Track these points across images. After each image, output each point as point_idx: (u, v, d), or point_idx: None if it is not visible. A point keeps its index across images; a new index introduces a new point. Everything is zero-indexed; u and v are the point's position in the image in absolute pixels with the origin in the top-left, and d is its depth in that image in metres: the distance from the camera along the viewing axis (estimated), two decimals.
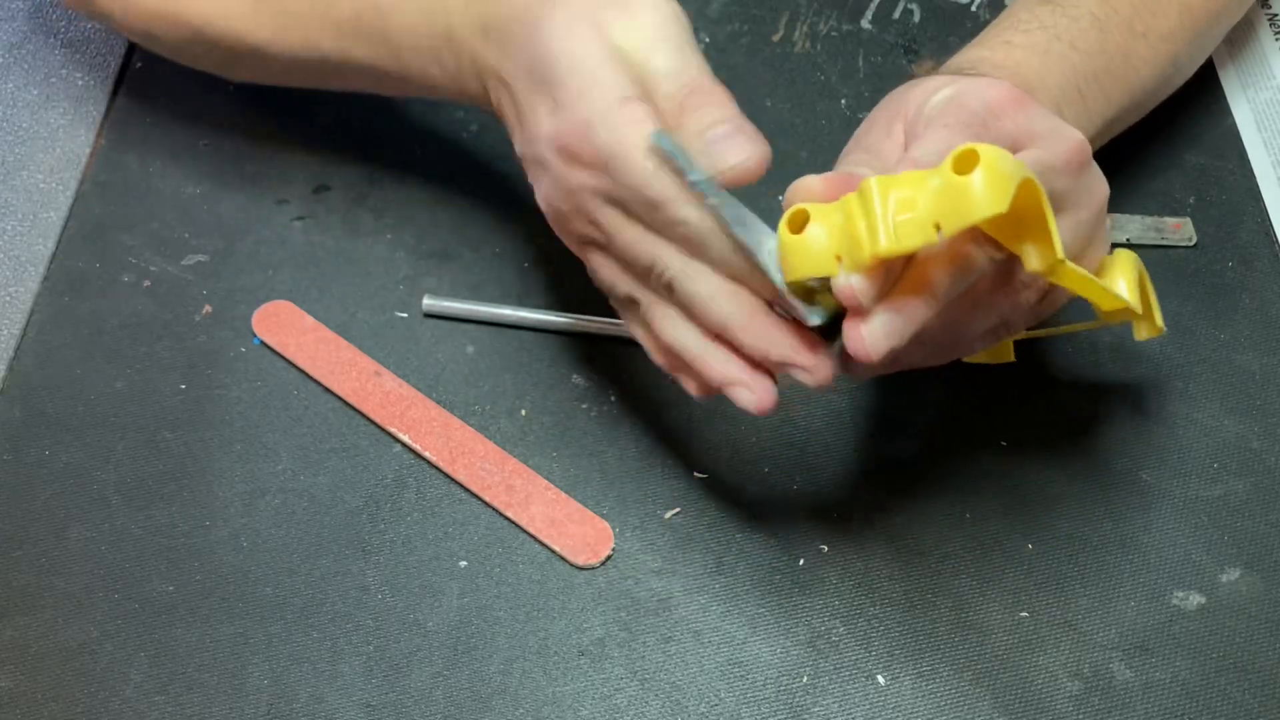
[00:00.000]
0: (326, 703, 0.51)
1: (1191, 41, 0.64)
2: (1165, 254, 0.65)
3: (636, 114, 0.44)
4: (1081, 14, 0.57)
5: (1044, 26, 0.56)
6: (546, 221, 0.50)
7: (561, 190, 0.47)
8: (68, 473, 0.56)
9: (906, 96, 0.49)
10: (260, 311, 0.61)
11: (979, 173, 0.40)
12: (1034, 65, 0.54)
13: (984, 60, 0.54)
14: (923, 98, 0.48)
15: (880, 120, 0.50)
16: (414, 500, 0.56)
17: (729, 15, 0.74)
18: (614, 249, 0.47)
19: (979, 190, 0.40)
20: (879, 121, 0.50)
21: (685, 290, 0.45)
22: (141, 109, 0.69)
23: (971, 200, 0.40)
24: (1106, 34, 0.58)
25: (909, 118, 0.48)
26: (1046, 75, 0.54)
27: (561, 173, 0.46)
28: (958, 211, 0.41)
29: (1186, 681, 0.52)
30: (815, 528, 0.56)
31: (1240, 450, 0.58)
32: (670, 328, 0.47)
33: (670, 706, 0.51)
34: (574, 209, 0.47)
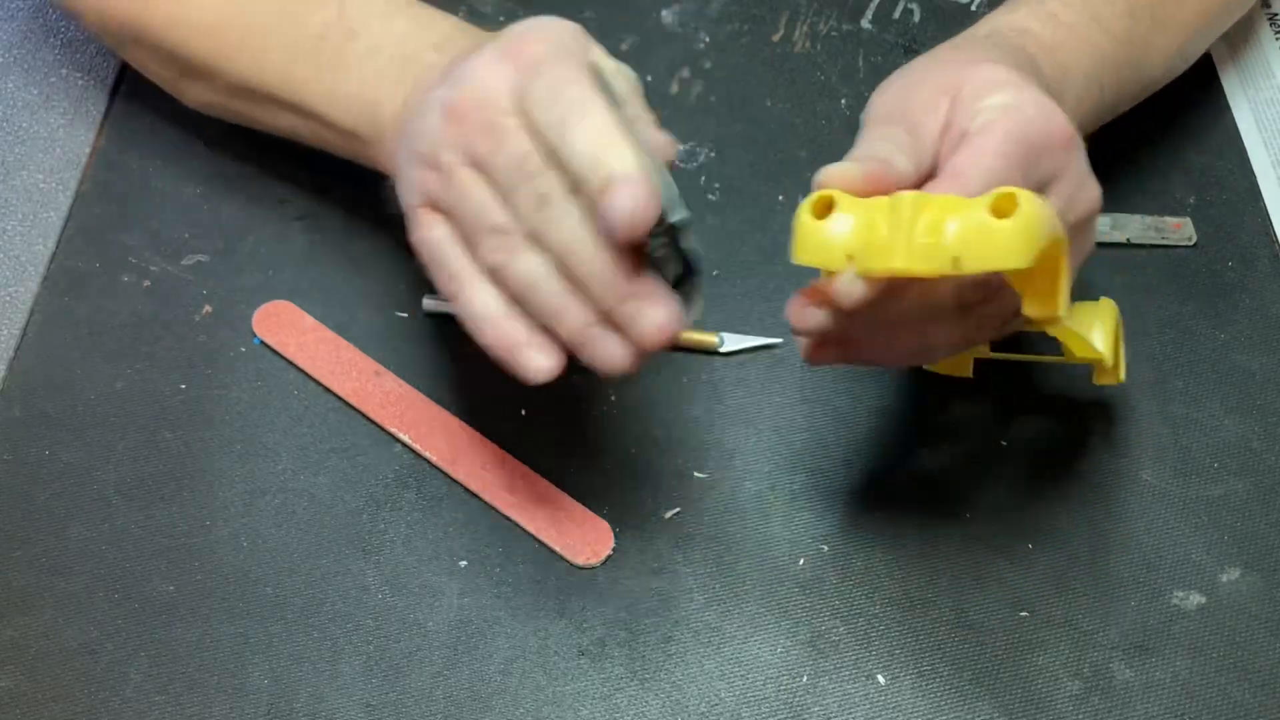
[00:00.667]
0: (326, 703, 0.51)
1: (1201, 32, 0.64)
2: (1165, 254, 0.65)
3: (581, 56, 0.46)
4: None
5: (1085, 2, 0.56)
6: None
7: (481, 87, 0.46)
8: (68, 473, 0.56)
9: (961, 75, 0.48)
10: (260, 311, 0.61)
11: (1015, 221, 0.40)
12: (1070, 49, 0.54)
13: (1029, 34, 0.53)
14: (979, 89, 0.47)
15: (927, 88, 0.48)
16: (414, 500, 0.56)
17: (729, 15, 0.74)
18: (498, 162, 0.45)
19: (1010, 239, 0.40)
20: (926, 88, 0.48)
21: (557, 210, 0.44)
22: (141, 109, 0.69)
23: (1000, 247, 0.40)
24: (1136, 21, 0.58)
25: (958, 101, 0.47)
26: (1079, 63, 0.54)
27: (490, 69, 0.46)
28: (983, 253, 0.41)
29: (1186, 681, 0.52)
30: (815, 528, 0.56)
31: (1240, 450, 0.58)
32: (527, 267, 0.46)
33: (670, 706, 0.51)
34: (483, 106, 0.46)
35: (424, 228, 0.48)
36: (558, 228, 0.44)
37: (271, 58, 0.57)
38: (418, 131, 0.48)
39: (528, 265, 0.45)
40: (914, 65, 0.51)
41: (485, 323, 0.47)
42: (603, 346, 0.45)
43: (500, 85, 0.45)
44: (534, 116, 0.45)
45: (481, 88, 0.46)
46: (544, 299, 0.46)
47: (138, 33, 0.60)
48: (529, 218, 0.45)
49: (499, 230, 0.46)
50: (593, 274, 0.44)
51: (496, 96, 0.45)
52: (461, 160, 0.46)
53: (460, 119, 0.46)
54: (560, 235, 0.44)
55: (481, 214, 0.46)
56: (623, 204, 0.42)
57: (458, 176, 0.46)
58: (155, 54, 0.61)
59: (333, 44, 0.55)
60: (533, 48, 0.46)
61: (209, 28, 0.58)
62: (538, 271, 0.45)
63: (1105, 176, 0.68)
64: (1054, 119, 0.46)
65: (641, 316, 0.44)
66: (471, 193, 0.46)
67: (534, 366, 0.47)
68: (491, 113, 0.45)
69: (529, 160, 0.45)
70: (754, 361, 0.60)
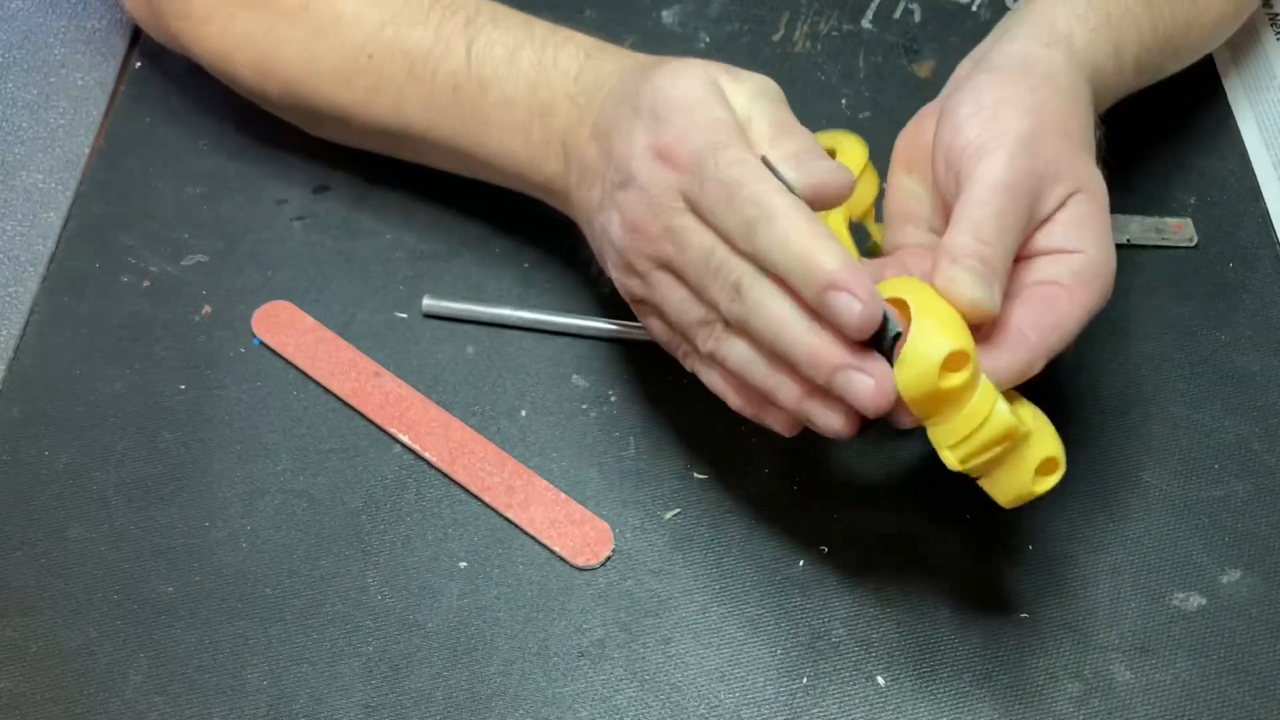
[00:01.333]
0: (326, 703, 0.51)
1: (1200, 53, 0.64)
2: (1166, 255, 0.65)
3: (733, 131, 0.46)
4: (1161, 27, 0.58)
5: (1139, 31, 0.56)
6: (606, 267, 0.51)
7: (645, 197, 0.46)
8: (68, 473, 0.56)
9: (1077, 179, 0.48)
10: (260, 311, 0.61)
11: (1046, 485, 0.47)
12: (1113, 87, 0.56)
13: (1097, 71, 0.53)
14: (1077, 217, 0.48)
15: (1051, 173, 0.48)
16: (414, 501, 0.56)
17: (729, 15, 0.74)
18: (685, 261, 0.46)
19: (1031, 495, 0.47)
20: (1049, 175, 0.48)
21: (751, 298, 0.45)
22: (141, 109, 0.69)
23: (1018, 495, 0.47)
24: (1164, 50, 0.59)
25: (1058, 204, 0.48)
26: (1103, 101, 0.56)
27: (650, 176, 0.46)
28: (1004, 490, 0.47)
29: (1187, 683, 0.52)
30: (815, 528, 0.56)
31: (1241, 451, 0.58)
32: (736, 352, 0.47)
33: (670, 707, 0.51)
34: (655, 216, 0.46)
35: (644, 319, 0.51)
36: (755, 314, 0.45)
37: (411, 107, 0.57)
38: (607, 238, 0.49)
39: (735, 351, 0.47)
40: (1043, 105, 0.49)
41: (725, 397, 0.49)
42: (821, 419, 0.46)
43: (665, 189, 0.46)
44: (713, 222, 0.45)
45: (649, 194, 0.46)
46: (758, 380, 0.47)
47: (266, 81, 0.60)
48: (728, 309, 0.46)
49: (703, 323, 0.47)
50: (797, 353, 0.44)
51: (664, 200, 0.46)
52: (653, 265, 0.48)
53: (637, 229, 0.47)
54: (759, 321, 0.45)
55: (683, 312, 0.48)
56: (848, 306, 0.43)
57: (653, 280, 0.48)
58: (286, 100, 0.61)
59: (468, 96, 0.55)
60: (686, 145, 0.46)
61: (342, 76, 0.58)
62: (745, 356, 0.47)
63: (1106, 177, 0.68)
64: (1109, 291, 0.49)
65: (852, 387, 0.44)
66: (670, 294, 0.48)
67: (778, 429, 0.48)
68: (666, 217, 0.46)
69: (713, 255, 0.45)
70: None
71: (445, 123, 0.57)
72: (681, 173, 0.46)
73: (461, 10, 0.57)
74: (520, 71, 0.54)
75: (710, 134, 0.46)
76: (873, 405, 0.44)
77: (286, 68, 0.59)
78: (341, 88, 0.58)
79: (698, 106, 0.47)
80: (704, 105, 0.47)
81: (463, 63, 0.55)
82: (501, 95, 0.55)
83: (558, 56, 0.54)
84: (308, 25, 0.58)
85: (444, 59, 0.56)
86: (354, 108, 0.58)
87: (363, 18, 0.57)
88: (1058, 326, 0.47)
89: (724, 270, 0.45)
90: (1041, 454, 0.46)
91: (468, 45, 0.55)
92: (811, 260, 0.43)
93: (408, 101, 0.57)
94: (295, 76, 0.59)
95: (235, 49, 0.60)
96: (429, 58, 0.56)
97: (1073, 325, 0.47)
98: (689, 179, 0.45)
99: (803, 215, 0.44)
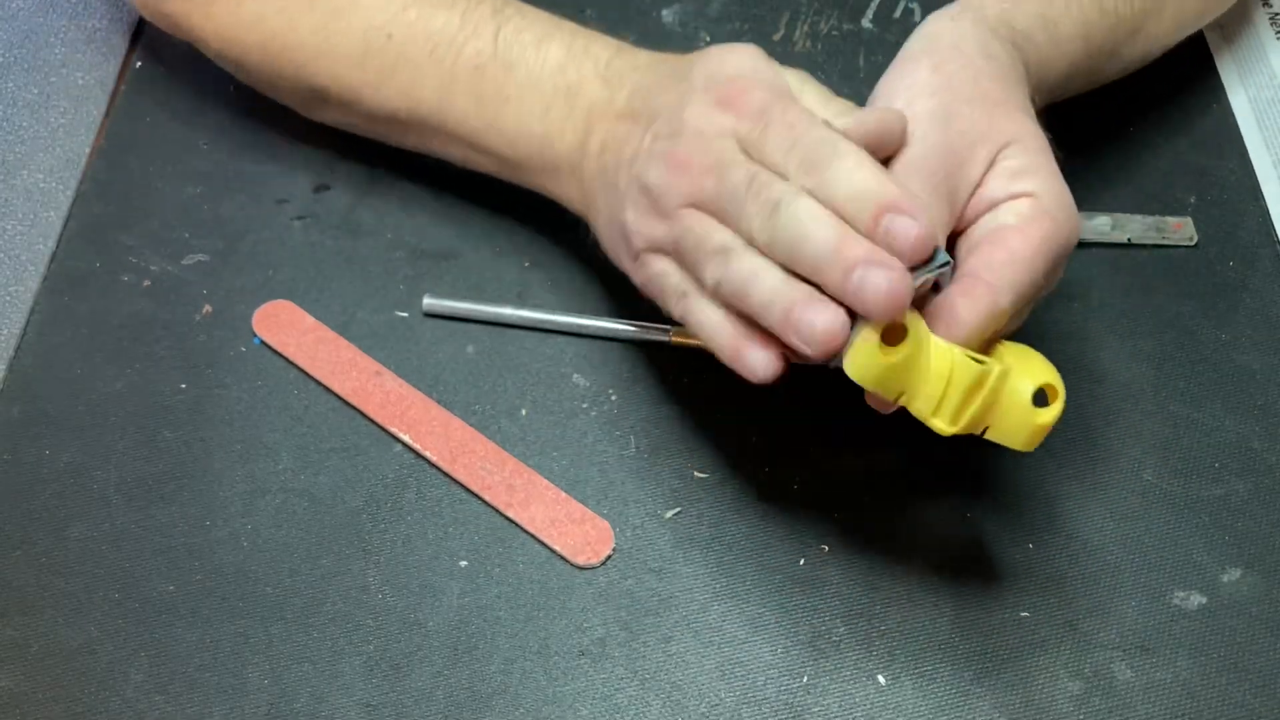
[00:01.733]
0: (326, 703, 0.51)
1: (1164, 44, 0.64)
2: (1166, 254, 0.65)
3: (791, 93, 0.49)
4: (1109, 5, 0.58)
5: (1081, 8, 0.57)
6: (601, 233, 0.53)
7: (698, 136, 0.47)
8: (68, 473, 0.56)
9: (1003, 132, 0.49)
10: (260, 311, 0.61)
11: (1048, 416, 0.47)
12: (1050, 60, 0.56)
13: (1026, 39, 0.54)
14: (1016, 169, 0.49)
15: (971, 128, 0.49)
16: (414, 500, 0.56)
17: (729, 15, 0.74)
18: (723, 189, 0.47)
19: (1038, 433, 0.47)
20: (968, 127, 0.49)
21: (788, 209, 0.45)
22: (141, 109, 0.69)
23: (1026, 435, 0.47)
24: (1116, 31, 0.59)
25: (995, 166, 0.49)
26: (1048, 78, 0.56)
27: (706, 120, 0.48)
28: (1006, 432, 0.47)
29: (1187, 682, 0.52)
30: (816, 528, 0.56)
31: (1241, 450, 0.58)
32: (746, 267, 0.46)
33: (670, 706, 0.51)
34: (704, 152, 0.47)
35: (650, 265, 0.50)
36: (789, 220, 0.45)
37: (426, 89, 0.57)
38: (639, 186, 0.49)
39: (744, 266, 0.46)
40: (950, 76, 0.50)
41: (712, 331, 0.49)
42: (807, 320, 0.45)
43: (721, 131, 0.47)
44: (769, 160, 0.46)
45: (703, 136, 0.47)
46: (758, 293, 0.46)
47: (275, 62, 0.60)
48: (761, 225, 0.46)
49: (719, 250, 0.47)
50: (823, 251, 0.44)
51: (720, 142, 0.47)
52: (685, 202, 0.48)
53: (684, 168, 0.48)
54: (792, 228, 0.45)
55: (704, 241, 0.48)
56: (906, 226, 0.43)
57: (680, 216, 0.48)
58: (292, 82, 0.61)
59: (491, 76, 0.56)
60: (753, 95, 0.47)
61: (357, 57, 0.58)
62: (754, 267, 0.46)
63: (1106, 176, 0.68)
64: (1073, 227, 0.49)
65: (870, 281, 0.43)
66: (694, 226, 0.48)
67: (757, 363, 0.48)
68: (717, 152, 0.47)
69: (757, 179, 0.46)
70: None
71: (460, 102, 0.57)
72: (742, 119, 0.47)
73: (487, 1, 0.58)
74: (549, 55, 0.56)
75: (774, 91, 0.48)
76: (885, 302, 0.43)
77: (298, 48, 0.59)
78: (354, 69, 0.58)
79: (759, 70, 0.49)
80: (764, 71, 0.49)
81: (489, 44, 0.56)
82: (527, 74, 0.56)
83: (589, 45, 0.56)
84: (325, 7, 0.58)
85: (470, 40, 0.57)
86: (364, 88, 0.59)
87: (385, 1, 0.58)
88: (1011, 260, 0.47)
89: (766, 191, 0.46)
90: (1032, 385, 0.46)
91: (496, 29, 0.57)
92: (876, 184, 0.44)
93: (423, 81, 0.57)
94: (307, 57, 0.59)
95: (245, 30, 0.60)
96: (454, 40, 0.57)
97: (1029, 256, 0.47)
98: (749, 125, 0.47)
99: (868, 156, 0.45)
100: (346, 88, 0.59)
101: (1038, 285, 0.48)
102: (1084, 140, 0.66)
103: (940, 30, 0.52)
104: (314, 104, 0.62)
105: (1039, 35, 0.55)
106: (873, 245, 0.44)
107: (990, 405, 0.46)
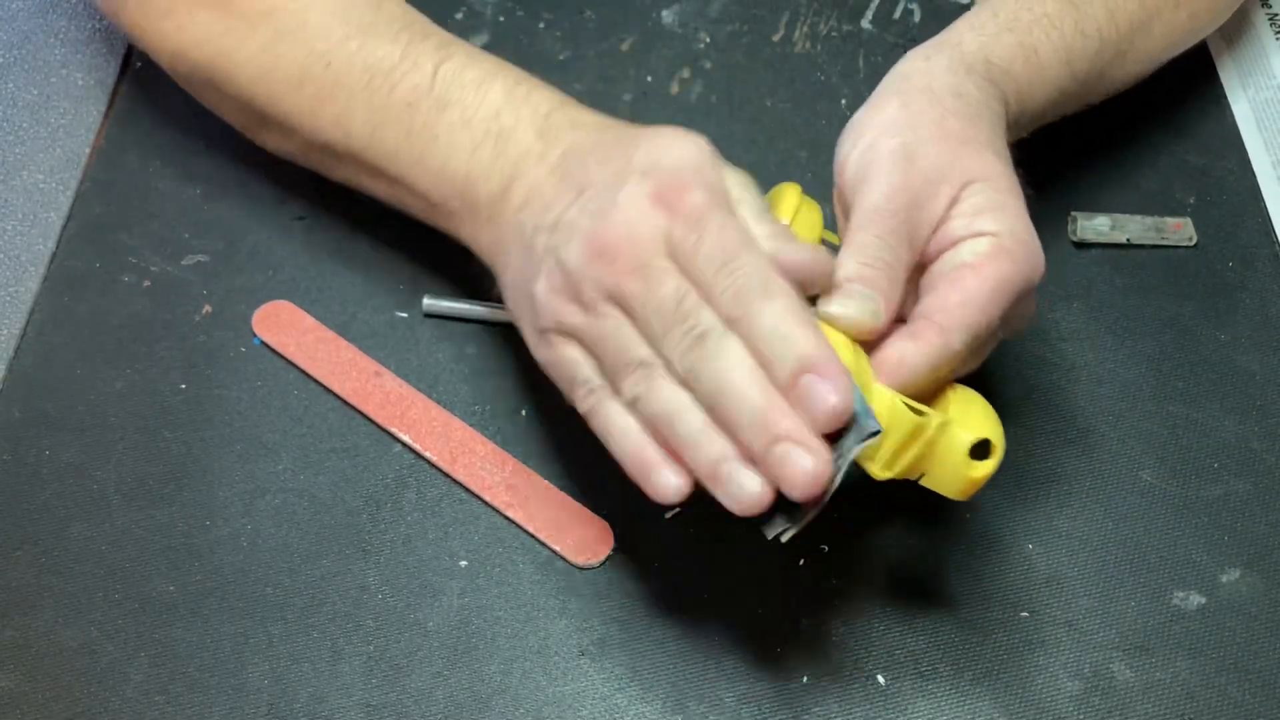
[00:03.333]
0: (326, 703, 0.51)
1: (1157, 61, 0.64)
2: (1165, 254, 0.65)
3: (730, 201, 0.46)
4: (1090, 28, 0.58)
5: (1061, 34, 0.57)
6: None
7: (632, 230, 0.45)
8: (68, 473, 0.57)
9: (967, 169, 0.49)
10: (260, 311, 0.61)
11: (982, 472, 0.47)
12: (1032, 88, 0.56)
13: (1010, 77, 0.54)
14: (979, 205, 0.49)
15: (931, 168, 0.49)
16: (414, 500, 0.56)
17: (729, 15, 0.74)
18: (649, 301, 0.45)
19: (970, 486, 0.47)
20: (929, 166, 0.49)
21: (712, 349, 0.44)
22: (141, 109, 0.69)
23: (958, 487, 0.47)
24: (1101, 54, 0.59)
25: (957, 204, 0.49)
26: (1034, 105, 0.56)
27: (642, 214, 0.45)
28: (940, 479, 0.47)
29: (1187, 681, 0.52)
30: (815, 528, 0.56)
31: (1240, 450, 0.58)
32: (667, 399, 0.45)
33: (670, 706, 0.51)
34: (635, 249, 0.45)
35: (556, 347, 0.48)
36: (711, 364, 0.44)
37: (357, 119, 0.56)
38: (554, 258, 0.47)
39: (668, 397, 0.45)
40: (916, 116, 0.50)
41: (623, 442, 0.47)
42: (736, 483, 0.44)
43: (654, 230, 0.45)
44: (697, 277, 0.45)
45: (633, 230, 0.45)
46: (682, 431, 0.45)
47: (218, 81, 0.60)
48: (682, 356, 0.44)
49: (641, 365, 0.46)
50: (746, 412, 0.43)
51: (651, 241, 0.45)
52: (604, 296, 0.46)
53: (608, 257, 0.45)
54: (713, 372, 0.44)
55: (624, 349, 0.46)
56: (825, 393, 0.42)
57: (600, 312, 0.46)
58: (234, 103, 0.61)
59: (423, 113, 0.54)
60: (691, 198, 0.45)
61: (295, 82, 0.57)
62: (678, 402, 0.45)
63: (1106, 176, 0.68)
64: (1034, 265, 0.49)
65: (792, 461, 0.42)
66: (616, 329, 0.46)
67: (668, 486, 0.46)
68: (646, 256, 0.45)
69: (685, 301, 0.44)
70: None
71: (390, 136, 0.56)
72: (676, 222, 0.45)
73: (433, 36, 0.57)
74: (487, 97, 0.54)
75: (714, 196, 0.46)
76: (802, 486, 0.42)
77: (241, 70, 0.59)
78: (292, 93, 0.58)
79: (703, 168, 0.47)
80: (709, 169, 0.47)
81: (427, 79, 0.55)
82: (462, 114, 0.54)
83: (531, 94, 0.54)
84: (269, 30, 0.58)
85: (408, 75, 0.55)
86: (300, 115, 0.58)
87: (328, 28, 0.57)
88: (966, 302, 0.47)
89: (693, 318, 0.44)
90: (970, 438, 0.46)
91: (436, 66, 0.55)
92: (797, 340, 0.43)
93: (355, 112, 0.56)
94: (249, 79, 0.58)
95: (191, 46, 0.60)
96: (392, 73, 0.55)
97: (983, 297, 0.47)
98: (682, 231, 0.45)
99: (795, 294, 0.44)
100: (283, 113, 0.58)
101: (993, 325, 0.48)
102: (1084, 140, 0.66)
103: (912, 69, 0.52)
104: (255, 127, 0.62)
105: (1018, 66, 0.55)
106: (799, 421, 0.42)
107: (926, 454, 0.46)
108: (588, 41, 0.72)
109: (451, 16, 0.73)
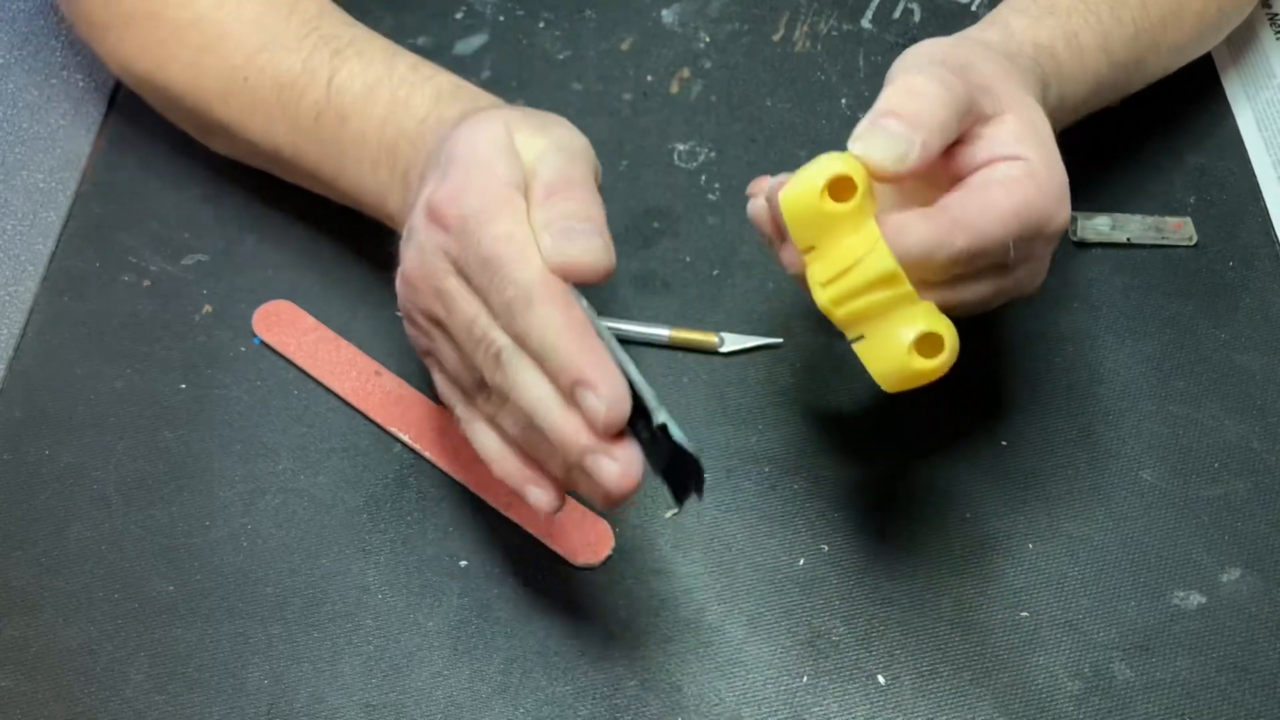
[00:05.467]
0: (326, 703, 0.51)
1: (1187, 53, 0.64)
2: (1166, 254, 0.65)
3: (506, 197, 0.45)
4: (1126, 16, 0.58)
5: (1099, 19, 0.57)
6: None
7: (419, 254, 0.46)
8: (68, 473, 0.57)
9: (1009, 91, 0.49)
10: (260, 311, 0.61)
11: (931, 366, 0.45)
12: (1074, 74, 0.56)
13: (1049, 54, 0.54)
14: (1017, 129, 0.48)
15: (981, 85, 0.48)
16: (414, 500, 0.56)
17: (729, 15, 0.74)
18: (452, 325, 0.46)
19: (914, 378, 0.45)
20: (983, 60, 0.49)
21: (511, 372, 0.44)
22: (142, 109, 0.68)
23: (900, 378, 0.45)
24: (1137, 41, 0.59)
25: (998, 119, 0.48)
26: (1080, 91, 0.56)
27: (424, 235, 0.46)
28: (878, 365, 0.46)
29: (1187, 681, 0.52)
30: (815, 528, 0.56)
31: (1241, 450, 0.58)
32: (512, 420, 0.46)
33: (670, 706, 0.51)
34: (425, 275, 0.46)
35: (430, 371, 0.50)
36: (514, 385, 0.44)
37: (279, 132, 0.57)
38: (397, 285, 0.48)
39: (516, 416, 0.46)
40: (959, 44, 0.51)
41: (495, 466, 0.48)
42: (586, 487, 0.45)
43: (435, 250, 0.45)
44: (484, 293, 0.44)
45: (423, 254, 0.46)
46: (531, 446, 0.46)
47: (159, 90, 0.61)
48: (491, 378, 0.45)
49: (479, 386, 0.46)
50: (549, 429, 0.44)
51: (435, 261, 0.45)
52: (429, 322, 0.47)
53: (412, 286, 0.47)
54: (518, 393, 0.44)
55: (460, 373, 0.47)
56: (594, 406, 0.42)
57: (432, 335, 0.47)
58: (178, 112, 0.62)
59: (328, 125, 0.55)
60: (456, 207, 0.44)
61: (221, 95, 0.58)
62: (525, 419, 0.45)
63: (1105, 176, 0.68)
64: (1058, 208, 0.48)
65: (599, 470, 0.43)
66: (447, 353, 0.47)
67: (539, 503, 0.47)
68: (437, 280, 0.45)
69: (476, 324, 0.45)
70: (754, 361, 0.60)
71: (310, 149, 0.57)
72: (448, 237, 0.45)
73: (334, 40, 0.56)
74: (374, 108, 0.54)
75: (481, 200, 0.44)
76: (616, 489, 0.43)
77: (174, 81, 0.59)
78: (220, 105, 0.58)
79: (477, 166, 0.45)
80: (485, 165, 0.45)
81: (324, 93, 0.55)
82: (358, 129, 0.54)
83: (410, 97, 0.53)
84: (195, 41, 0.58)
85: (308, 88, 0.56)
86: (234, 126, 0.59)
87: (244, 40, 0.57)
88: (986, 209, 0.46)
89: (485, 341, 0.44)
90: (924, 326, 0.44)
91: (330, 76, 0.55)
92: (563, 353, 0.42)
93: (276, 125, 0.57)
94: (183, 89, 0.59)
95: (131, 59, 0.61)
96: (295, 85, 0.56)
97: (1004, 212, 0.46)
98: (455, 247, 0.45)
99: (560, 301, 0.43)
100: (219, 122, 0.59)
101: (1001, 250, 0.47)
102: (1084, 140, 0.66)
103: (965, 39, 0.53)
104: (203, 134, 0.63)
105: (1061, 49, 0.55)
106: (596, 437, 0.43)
107: (878, 314, 0.45)
108: (588, 41, 0.72)
109: (451, 16, 0.73)
